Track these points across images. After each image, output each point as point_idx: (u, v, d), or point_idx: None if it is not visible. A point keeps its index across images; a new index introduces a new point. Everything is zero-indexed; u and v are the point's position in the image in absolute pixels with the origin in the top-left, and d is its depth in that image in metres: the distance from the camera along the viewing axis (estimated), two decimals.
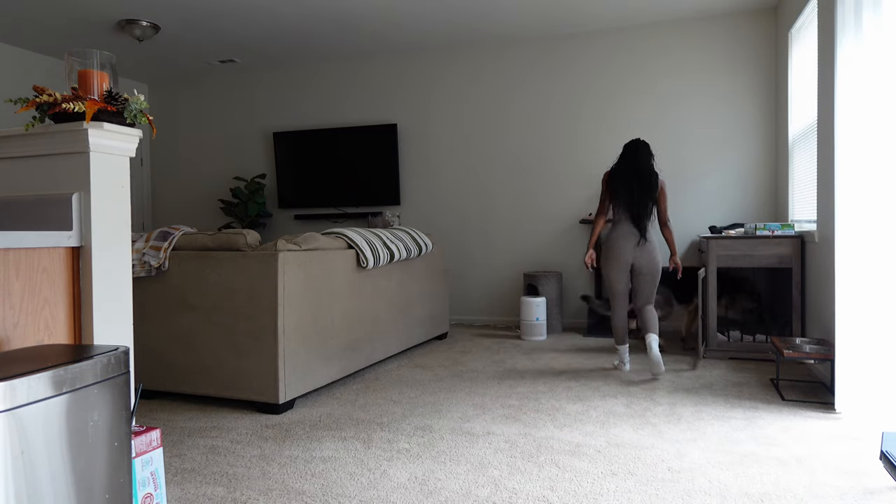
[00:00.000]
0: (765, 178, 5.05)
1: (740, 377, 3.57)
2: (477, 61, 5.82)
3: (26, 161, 1.81)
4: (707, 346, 4.16)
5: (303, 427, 2.76)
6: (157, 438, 1.79)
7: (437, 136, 5.97)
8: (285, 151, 6.37)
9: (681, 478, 2.15)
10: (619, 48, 5.39)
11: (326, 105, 6.35)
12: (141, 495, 1.72)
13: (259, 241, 3.11)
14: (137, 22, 4.98)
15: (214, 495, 2.06)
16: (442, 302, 4.84)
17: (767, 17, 5.01)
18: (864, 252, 2.65)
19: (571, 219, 5.56)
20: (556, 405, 3.05)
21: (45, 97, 1.71)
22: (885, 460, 2.05)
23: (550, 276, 5.18)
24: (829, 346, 3.20)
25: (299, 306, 3.05)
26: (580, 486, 2.08)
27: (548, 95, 5.60)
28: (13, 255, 1.54)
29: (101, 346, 1.42)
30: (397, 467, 2.28)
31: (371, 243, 3.69)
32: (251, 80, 6.64)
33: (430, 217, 6.01)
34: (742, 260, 4.03)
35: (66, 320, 1.68)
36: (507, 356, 4.26)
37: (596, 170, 5.47)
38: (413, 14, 5.00)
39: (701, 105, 5.19)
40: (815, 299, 3.72)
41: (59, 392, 1.23)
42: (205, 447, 2.52)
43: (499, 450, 2.44)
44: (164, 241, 3.14)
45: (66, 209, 1.71)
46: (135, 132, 1.84)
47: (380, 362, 4.09)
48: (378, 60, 6.15)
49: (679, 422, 2.76)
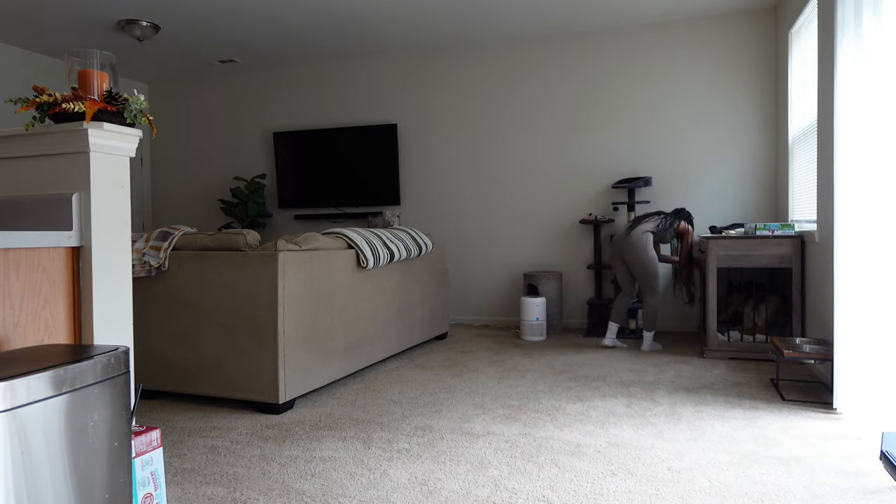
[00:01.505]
0: (765, 178, 5.05)
1: (740, 377, 3.57)
2: (476, 62, 5.82)
3: (26, 161, 1.81)
4: (707, 346, 4.16)
5: (303, 427, 2.76)
6: (157, 438, 1.79)
7: (437, 136, 5.97)
8: (285, 151, 6.37)
9: (681, 478, 2.15)
10: (618, 48, 5.39)
11: (326, 105, 6.35)
12: (141, 495, 1.72)
13: (259, 241, 3.11)
14: (137, 22, 4.99)
15: (214, 495, 2.06)
16: (442, 302, 4.84)
17: (767, 18, 5.01)
18: (864, 252, 2.65)
19: (572, 219, 5.56)
20: (556, 405, 3.05)
21: (45, 97, 1.71)
22: (885, 460, 2.05)
23: (550, 276, 5.18)
24: (828, 346, 3.20)
25: (299, 306, 3.05)
26: (580, 486, 2.08)
27: (548, 96, 5.60)
28: (13, 255, 1.54)
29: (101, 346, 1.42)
30: (397, 467, 2.28)
31: (371, 243, 3.69)
32: (251, 80, 6.64)
33: (430, 217, 6.01)
34: (742, 260, 4.03)
35: (66, 320, 1.68)
36: (507, 356, 4.26)
37: (596, 169, 5.47)
38: (413, 13, 5.00)
39: (701, 105, 5.19)
40: (815, 299, 3.72)
41: (59, 392, 1.23)
42: (205, 447, 2.52)
43: (499, 450, 2.44)
44: (164, 241, 3.14)
45: (66, 209, 1.71)
46: (135, 132, 1.84)
47: (380, 362, 4.09)
48: (378, 60, 6.15)
49: (679, 422, 2.76)
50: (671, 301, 5.29)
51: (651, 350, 4.40)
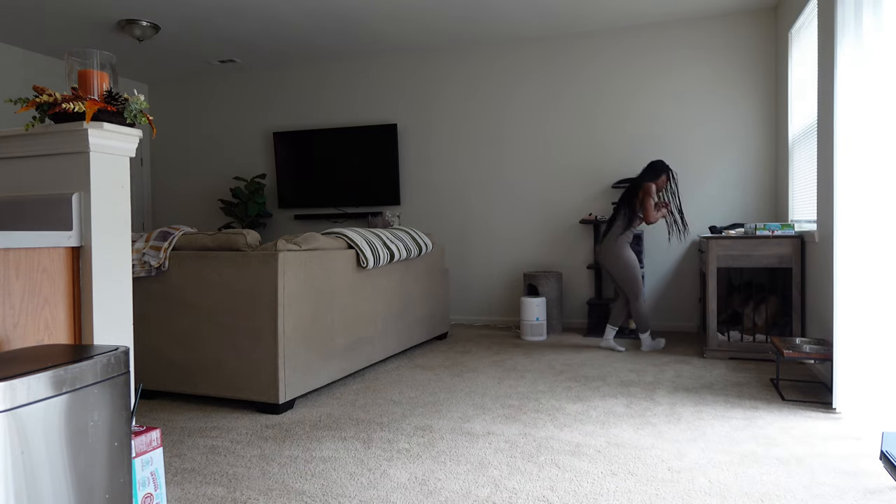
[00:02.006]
0: (765, 178, 5.05)
1: (740, 377, 3.57)
2: (477, 61, 5.82)
3: (26, 161, 1.81)
4: (707, 346, 4.16)
5: (303, 427, 2.76)
6: (157, 438, 1.79)
7: (437, 136, 5.97)
8: (285, 151, 6.37)
9: (681, 478, 2.15)
10: (618, 48, 5.39)
11: (326, 105, 6.35)
12: (141, 495, 1.72)
13: (259, 241, 3.11)
14: (137, 22, 4.99)
15: (214, 495, 2.06)
16: (442, 302, 4.84)
17: (767, 17, 5.01)
18: (864, 252, 2.65)
19: (571, 219, 5.56)
20: (556, 405, 3.05)
21: (45, 97, 1.71)
22: (885, 460, 2.05)
23: (550, 276, 5.18)
24: (828, 346, 3.20)
25: (299, 306, 3.05)
26: (580, 486, 2.08)
27: (548, 96, 5.60)
28: (13, 255, 1.54)
29: (101, 346, 1.42)
30: (397, 467, 2.28)
31: (371, 243, 3.69)
32: (251, 79, 6.64)
33: (430, 217, 6.02)
34: (742, 260, 4.03)
35: (66, 320, 1.68)
36: (507, 356, 4.26)
37: (595, 169, 5.47)
38: (412, 13, 5.00)
39: (701, 105, 5.19)
40: (815, 299, 3.72)
41: (59, 392, 1.23)
42: (205, 447, 2.52)
43: (499, 450, 2.44)
44: (164, 241, 3.14)
45: (66, 209, 1.71)
46: (135, 132, 1.84)
47: (380, 362, 4.09)
48: (378, 60, 6.15)
49: (679, 422, 2.76)
50: (671, 301, 5.29)
51: (652, 349, 4.40)
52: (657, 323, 5.34)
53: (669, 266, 5.28)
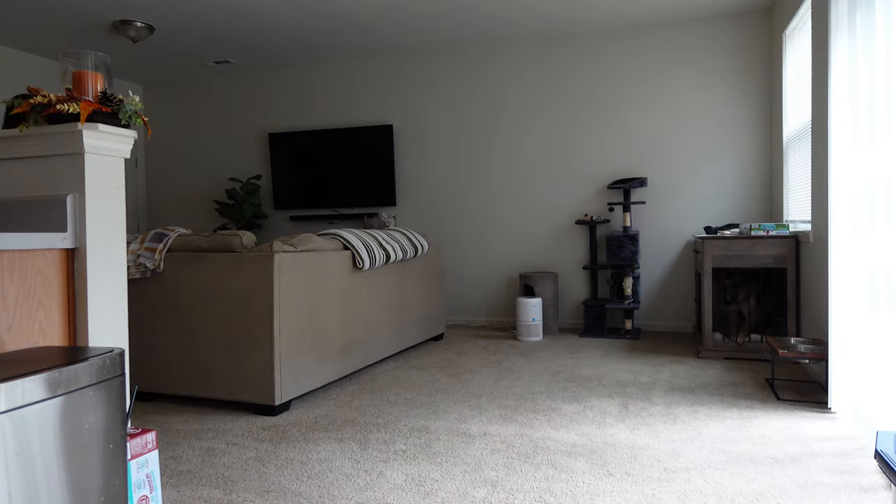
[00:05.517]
0: (759, 179, 5.07)
1: (736, 377, 3.58)
2: (472, 63, 5.83)
3: (21, 162, 1.80)
4: (703, 347, 4.17)
5: (299, 429, 2.76)
6: (153, 440, 1.78)
7: (433, 137, 5.97)
8: (281, 152, 6.36)
9: (677, 478, 2.15)
10: (613, 49, 5.40)
11: (322, 106, 6.34)
12: (137, 498, 1.71)
13: (254, 242, 3.10)
14: (132, 23, 4.97)
15: (211, 497, 2.06)
16: (438, 303, 4.84)
17: (761, 19, 5.03)
18: (858, 252, 2.66)
19: (567, 220, 5.57)
20: (553, 406, 3.05)
21: (39, 98, 1.70)
22: (880, 459, 2.06)
23: (546, 276, 5.19)
24: (823, 346, 3.21)
25: (295, 308, 3.05)
26: (577, 487, 2.09)
27: (544, 96, 5.61)
28: (7, 257, 1.53)
29: (96, 349, 1.41)
30: (394, 468, 2.28)
31: (367, 244, 3.69)
32: (246, 80, 6.63)
33: (426, 218, 6.02)
34: (737, 260, 4.05)
35: (60, 322, 1.68)
36: (503, 357, 4.26)
37: (591, 170, 5.49)
38: (410, 13, 5.00)
39: (696, 105, 5.21)
40: (810, 299, 3.73)
41: (53, 394, 1.23)
42: (201, 449, 2.52)
43: (495, 451, 2.44)
44: (160, 242, 3.13)
45: (60, 210, 1.70)
46: (129, 133, 1.83)
47: (376, 363, 4.08)
48: (374, 61, 6.15)
49: (675, 422, 2.76)
50: (670, 301, 5.30)
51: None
52: (654, 323, 5.35)
53: (665, 266, 5.29)
